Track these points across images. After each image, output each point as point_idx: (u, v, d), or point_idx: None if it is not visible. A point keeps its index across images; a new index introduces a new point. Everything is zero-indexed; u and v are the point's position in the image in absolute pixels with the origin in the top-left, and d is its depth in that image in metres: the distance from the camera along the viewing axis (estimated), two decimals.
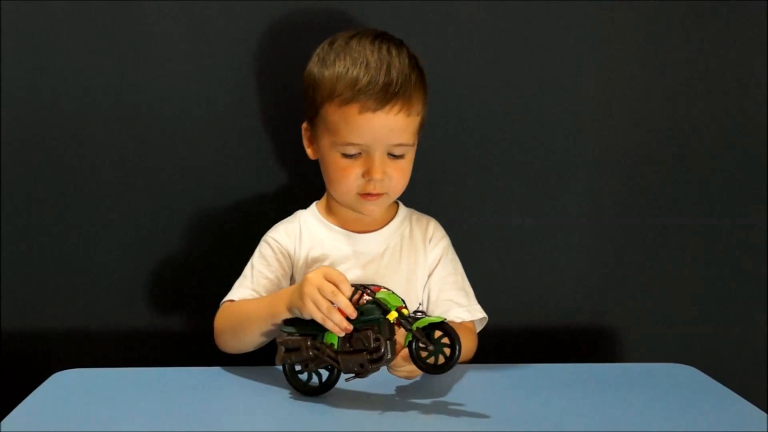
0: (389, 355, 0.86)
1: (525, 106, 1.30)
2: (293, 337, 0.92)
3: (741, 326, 1.39)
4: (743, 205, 1.35)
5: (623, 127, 1.32)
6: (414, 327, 0.85)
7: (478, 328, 1.13)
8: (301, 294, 0.91)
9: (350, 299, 0.89)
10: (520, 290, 1.35)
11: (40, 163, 1.26)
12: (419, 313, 0.92)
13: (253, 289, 1.09)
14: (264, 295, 1.08)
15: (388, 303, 0.87)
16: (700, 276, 1.37)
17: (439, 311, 1.11)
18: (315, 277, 0.91)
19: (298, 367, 0.92)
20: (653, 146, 1.32)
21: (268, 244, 1.12)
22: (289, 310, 0.94)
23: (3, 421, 0.84)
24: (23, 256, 1.28)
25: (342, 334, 0.88)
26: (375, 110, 1.01)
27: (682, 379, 1.02)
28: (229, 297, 1.09)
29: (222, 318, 1.07)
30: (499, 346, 1.27)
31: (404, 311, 0.88)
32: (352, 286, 0.90)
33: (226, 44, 1.24)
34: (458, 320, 1.09)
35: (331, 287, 0.89)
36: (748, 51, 1.30)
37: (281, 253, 1.11)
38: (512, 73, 1.29)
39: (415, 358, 0.86)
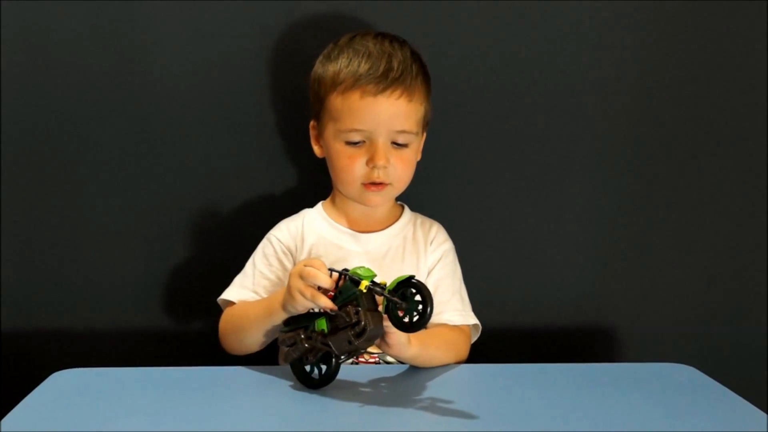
0: (371, 325, 0.87)
1: (525, 106, 1.30)
2: (289, 334, 0.94)
3: (741, 326, 1.39)
4: (743, 205, 1.35)
5: (623, 127, 1.32)
6: (387, 290, 0.87)
7: (474, 337, 1.12)
8: (288, 288, 0.94)
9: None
10: (520, 290, 1.35)
11: (41, 163, 1.26)
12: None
13: (253, 290, 1.10)
14: (263, 295, 1.09)
15: (360, 275, 0.89)
16: (700, 276, 1.37)
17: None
18: (296, 268, 0.94)
19: (307, 367, 0.94)
20: (653, 146, 1.32)
21: (270, 243, 1.13)
22: (284, 308, 0.95)
23: (3, 421, 0.84)
24: (23, 256, 1.28)
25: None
26: (376, 95, 1.03)
27: (682, 379, 1.01)
28: (228, 296, 1.10)
29: (225, 321, 1.09)
30: (499, 346, 1.27)
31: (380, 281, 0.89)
32: (332, 270, 0.92)
33: (235, 43, 1.24)
34: (450, 323, 1.09)
35: (310, 270, 0.91)
36: (748, 51, 1.30)
37: (283, 251, 1.12)
38: (513, 73, 1.29)
39: (393, 320, 0.87)
